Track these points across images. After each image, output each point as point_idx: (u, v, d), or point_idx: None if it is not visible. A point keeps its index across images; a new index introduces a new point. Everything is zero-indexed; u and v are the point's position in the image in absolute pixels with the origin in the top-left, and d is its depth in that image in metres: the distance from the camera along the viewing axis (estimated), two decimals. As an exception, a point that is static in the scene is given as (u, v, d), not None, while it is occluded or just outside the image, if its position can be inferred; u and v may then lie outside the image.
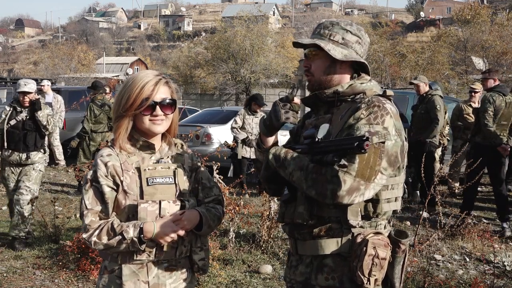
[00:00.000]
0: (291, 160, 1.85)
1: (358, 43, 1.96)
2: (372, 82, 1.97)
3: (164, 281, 2.01)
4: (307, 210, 1.88)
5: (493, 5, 49.36)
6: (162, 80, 2.00)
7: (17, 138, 5.46)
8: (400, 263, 1.86)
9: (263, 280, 4.65)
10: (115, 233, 1.90)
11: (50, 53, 38.76)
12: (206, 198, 2.11)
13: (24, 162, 5.49)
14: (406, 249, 1.86)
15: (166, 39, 71.22)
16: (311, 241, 1.90)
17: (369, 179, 1.73)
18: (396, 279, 1.85)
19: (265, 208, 5.44)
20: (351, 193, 1.71)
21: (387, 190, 1.86)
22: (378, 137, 1.75)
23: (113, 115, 2.04)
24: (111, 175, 1.96)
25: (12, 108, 5.51)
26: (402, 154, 1.87)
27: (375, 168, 1.74)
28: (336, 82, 1.96)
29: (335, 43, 1.94)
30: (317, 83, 1.98)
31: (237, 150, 8.21)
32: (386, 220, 1.93)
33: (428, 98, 7.46)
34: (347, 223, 1.83)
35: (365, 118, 1.79)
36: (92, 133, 8.57)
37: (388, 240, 1.84)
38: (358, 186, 1.72)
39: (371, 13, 79.82)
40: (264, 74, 25.43)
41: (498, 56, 24.28)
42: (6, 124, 5.46)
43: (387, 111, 1.82)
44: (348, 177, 1.70)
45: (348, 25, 1.97)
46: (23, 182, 5.46)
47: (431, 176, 7.11)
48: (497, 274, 4.61)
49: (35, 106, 5.43)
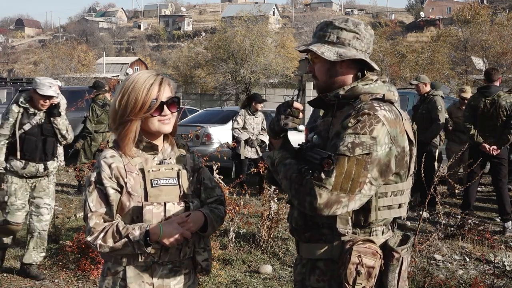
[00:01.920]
0: (282, 167, 1.87)
1: (356, 39, 1.90)
2: (377, 83, 1.92)
3: (168, 282, 2.00)
4: (301, 215, 1.92)
5: (493, 5, 49.38)
6: (165, 80, 2.00)
7: (34, 146, 4.52)
8: (395, 271, 1.82)
9: (263, 280, 4.65)
10: (121, 236, 1.89)
11: (50, 53, 38.71)
12: (209, 199, 2.12)
13: (40, 174, 4.60)
14: (401, 257, 1.82)
15: (166, 39, 71.22)
16: (306, 244, 1.94)
17: (352, 191, 1.71)
18: (390, 286, 1.83)
19: (265, 208, 5.44)
20: (330, 206, 1.70)
21: (386, 197, 1.83)
22: (362, 149, 1.72)
23: (115, 121, 1.97)
24: (115, 176, 1.94)
25: (22, 109, 4.52)
26: (401, 162, 1.82)
27: (359, 180, 1.71)
28: (339, 83, 1.93)
29: (331, 44, 1.90)
30: (321, 86, 1.97)
31: (239, 150, 8.21)
32: (384, 226, 1.89)
33: (430, 98, 7.46)
34: (336, 231, 1.83)
35: (352, 127, 1.75)
36: (94, 133, 8.58)
37: (378, 249, 1.80)
38: (337, 199, 1.70)
39: (371, 13, 79.82)
40: (264, 74, 25.39)
41: (498, 56, 24.28)
42: (18, 129, 4.47)
43: (378, 119, 1.76)
44: (323, 191, 1.69)
45: (343, 22, 1.91)
46: (41, 199, 4.63)
47: (431, 176, 7.12)
48: (497, 274, 4.61)
49: (54, 111, 4.55)
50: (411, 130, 1.89)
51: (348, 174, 1.70)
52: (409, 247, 1.86)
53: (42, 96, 4.43)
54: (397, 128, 1.80)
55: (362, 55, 1.90)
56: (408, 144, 1.85)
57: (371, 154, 1.73)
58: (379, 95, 1.88)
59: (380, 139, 1.75)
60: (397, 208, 1.88)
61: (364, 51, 1.92)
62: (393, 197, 1.85)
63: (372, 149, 1.73)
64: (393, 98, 1.89)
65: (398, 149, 1.80)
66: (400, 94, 9.24)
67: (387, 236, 1.90)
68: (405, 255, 1.84)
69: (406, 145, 1.84)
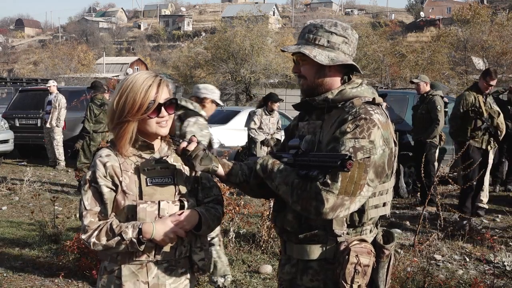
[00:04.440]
0: (278, 173, 1.87)
1: (344, 43, 1.94)
2: (363, 87, 1.96)
3: (164, 281, 2.00)
4: (296, 218, 1.93)
5: (493, 5, 49.36)
6: (163, 81, 2.00)
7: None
8: (385, 267, 1.91)
9: (263, 280, 4.65)
10: (114, 234, 1.90)
11: (50, 53, 38.73)
12: (206, 198, 2.11)
13: None
14: (390, 253, 1.91)
15: (166, 39, 71.23)
16: (298, 245, 1.95)
17: (354, 194, 1.75)
18: (381, 282, 1.90)
19: (265, 208, 5.44)
20: (335, 210, 1.74)
21: (374, 197, 1.88)
22: (363, 153, 1.76)
23: (112, 121, 1.97)
24: (110, 175, 1.95)
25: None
26: (390, 162, 1.87)
27: (360, 183, 1.76)
28: (327, 85, 1.96)
29: (321, 47, 1.92)
30: (309, 87, 1.98)
31: (254, 150, 8.23)
32: (372, 225, 1.95)
33: (429, 98, 7.46)
34: (332, 232, 1.87)
35: (351, 132, 1.79)
36: (93, 133, 8.58)
37: (372, 247, 1.87)
38: (342, 202, 1.74)
39: (371, 13, 79.82)
40: (264, 74, 25.39)
41: (498, 56, 24.26)
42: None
43: (374, 123, 1.81)
44: (330, 196, 1.73)
45: (333, 26, 1.94)
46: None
47: (431, 176, 7.12)
48: (497, 274, 4.61)
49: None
50: (393, 131, 1.94)
51: (352, 177, 1.74)
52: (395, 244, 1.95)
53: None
54: (388, 130, 1.87)
55: (350, 60, 1.95)
56: (394, 145, 1.91)
57: (370, 157, 1.78)
58: (367, 98, 1.92)
59: (377, 142, 1.80)
60: (382, 206, 1.93)
61: (351, 55, 1.97)
62: (380, 196, 1.91)
63: (371, 153, 1.79)
64: (381, 101, 1.94)
65: (389, 150, 1.86)
66: (400, 94, 9.29)
67: (374, 234, 1.95)
68: (392, 251, 1.94)
69: (393, 145, 1.90)
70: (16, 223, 6.40)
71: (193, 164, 1.92)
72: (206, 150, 1.95)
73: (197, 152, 1.91)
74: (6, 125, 11.02)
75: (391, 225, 6.37)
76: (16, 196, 7.93)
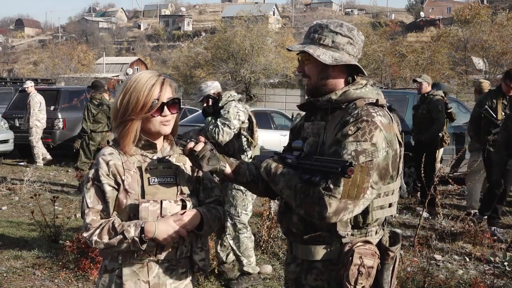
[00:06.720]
0: (281, 177, 1.88)
1: (349, 44, 1.93)
2: (367, 88, 1.94)
3: (165, 281, 2.01)
4: (301, 220, 1.93)
5: (493, 5, 49.33)
6: (167, 80, 2.01)
7: None
8: (389, 269, 1.90)
9: (263, 280, 4.65)
10: (116, 233, 1.90)
11: (50, 53, 38.70)
12: (207, 199, 2.12)
13: None
14: (395, 255, 1.90)
15: (166, 39, 71.21)
16: (303, 246, 1.96)
17: (357, 197, 1.75)
18: (385, 284, 1.90)
19: (265, 208, 5.44)
20: (338, 214, 1.74)
21: (379, 198, 1.87)
22: (365, 156, 1.76)
23: (116, 119, 1.99)
24: (113, 174, 1.96)
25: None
26: (394, 163, 1.87)
27: (363, 186, 1.75)
28: (331, 86, 1.95)
29: (326, 47, 1.92)
30: (313, 87, 1.98)
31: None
32: (378, 226, 1.95)
33: (430, 98, 7.46)
34: (336, 233, 1.87)
35: (353, 135, 1.79)
36: (92, 133, 8.60)
37: (376, 249, 1.87)
38: (345, 206, 1.74)
39: (371, 13, 79.80)
40: (264, 74, 25.38)
41: (498, 56, 24.24)
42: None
43: (376, 125, 1.80)
44: (333, 200, 1.72)
45: (338, 26, 1.94)
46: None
47: (431, 176, 7.11)
48: (497, 274, 4.61)
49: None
50: (398, 132, 1.94)
51: (354, 181, 1.74)
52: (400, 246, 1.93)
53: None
54: (391, 132, 1.86)
55: (354, 60, 1.94)
56: (399, 146, 1.90)
57: (372, 160, 1.77)
58: (371, 99, 1.91)
59: (379, 144, 1.79)
60: (388, 207, 1.93)
61: (355, 56, 1.96)
62: (385, 197, 1.90)
63: (374, 155, 1.78)
64: (384, 102, 1.94)
65: (392, 152, 1.85)
66: (400, 94, 9.29)
67: (380, 235, 1.95)
68: (398, 253, 1.93)
69: (398, 147, 1.89)
70: (16, 223, 6.40)
71: (200, 164, 1.93)
72: (213, 150, 1.95)
73: (204, 153, 1.92)
74: (6, 125, 11.03)
75: (391, 225, 6.37)
76: (16, 196, 7.93)
